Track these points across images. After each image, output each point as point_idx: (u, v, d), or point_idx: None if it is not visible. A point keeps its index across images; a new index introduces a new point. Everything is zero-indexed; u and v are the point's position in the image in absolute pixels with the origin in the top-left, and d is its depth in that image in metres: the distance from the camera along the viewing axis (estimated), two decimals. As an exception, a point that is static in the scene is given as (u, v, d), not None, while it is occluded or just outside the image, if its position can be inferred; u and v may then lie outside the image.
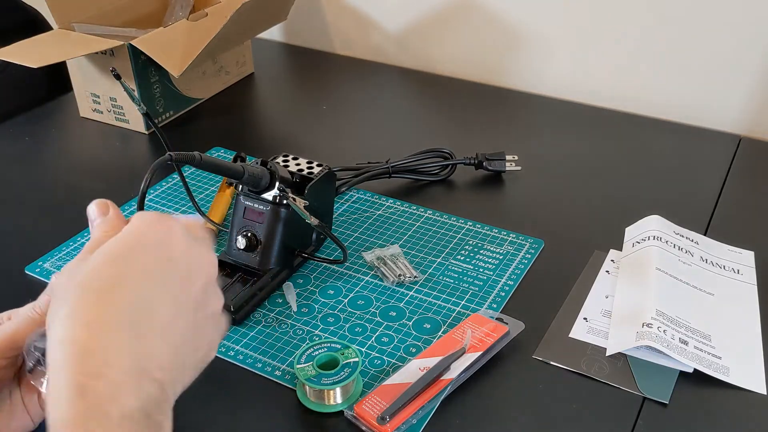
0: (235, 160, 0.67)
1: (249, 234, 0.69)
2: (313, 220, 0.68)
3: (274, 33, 1.31)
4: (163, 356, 0.39)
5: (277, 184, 0.68)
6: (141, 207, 0.55)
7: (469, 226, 0.80)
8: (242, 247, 0.69)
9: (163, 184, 0.88)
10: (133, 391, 0.37)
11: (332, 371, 0.58)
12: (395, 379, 0.59)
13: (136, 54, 0.94)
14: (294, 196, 0.67)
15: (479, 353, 0.61)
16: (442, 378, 0.59)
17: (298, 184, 0.71)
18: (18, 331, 0.47)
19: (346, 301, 0.70)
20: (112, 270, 0.40)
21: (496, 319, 0.65)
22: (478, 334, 0.63)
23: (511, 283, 0.71)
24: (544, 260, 0.75)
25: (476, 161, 0.89)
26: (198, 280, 0.43)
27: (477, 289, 0.71)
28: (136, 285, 0.40)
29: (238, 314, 0.66)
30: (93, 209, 0.47)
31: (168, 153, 0.57)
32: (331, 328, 0.67)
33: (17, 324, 0.48)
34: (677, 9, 0.98)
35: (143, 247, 0.42)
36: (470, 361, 0.60)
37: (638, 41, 1.03)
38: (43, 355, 0.46)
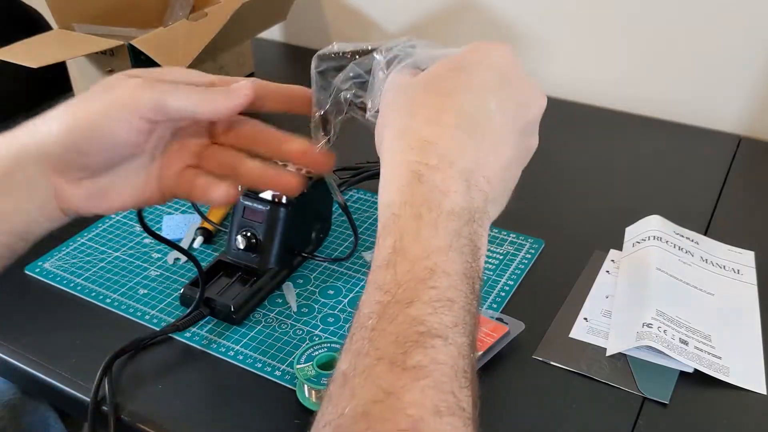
0: (235, 160, 0.67)
1: (249, 234, 0.69)
2: (340, 198, 0.67)
3: (274, 33, 1.31)
4: (491, 169, 0.39)
5: None
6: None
7: (469, 226, 0.80)
8: (242, 247, 0.69)
9: (163, 184, 0.88)
10: (463, 191, 0.37)
11: (332, 371, 0.58)
12: (395, 379, 0.59)
13: (136, 54, 0.94)
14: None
15: (479, 353, 0.61)
16: (442, 378, 0.59)
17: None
18: (165, 98, 0.45)
19: (346, 301, 0.70)
20: (456, 77, 0.40)
21: (496, 319, 0.65)
22: (478, 334, 0.63)
23: (511, 283, 0.71)
24: (544, 260, 0.75)
25: (476, 161, 0.88)
26: (530, 111, 0.43)
27: (477, 289, 0.71)
28: (478, 96, 0.40)
29: (238, 314, 0.66)
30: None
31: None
32: (331, 328, 0.67)
33: (165, 92, 0.45)
34: (677, 9, 0.98)
35: (487, 65, 0.41)
36: (470, 361, 0.60)
37: (638, 41, 1.02)
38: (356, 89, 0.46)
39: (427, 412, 0.32)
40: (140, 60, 0.95)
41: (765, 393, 0.60)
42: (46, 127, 0.46)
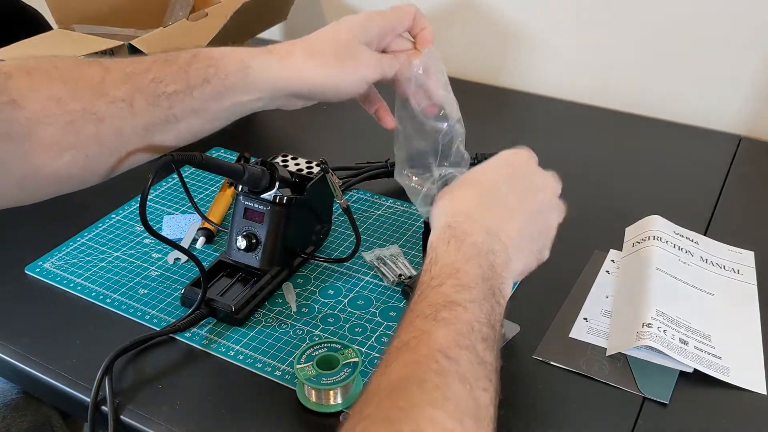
0: (238, 160, 0.67)
1: (249, 234, 0.69)
2: (343, 202, 0.68)
3: (274, 33, 1.31)
4: (508, 229, 0.55)
5: (277, 180, 0.68)
6: (143, 207, 0.56)
7: (469, 226, 0.80)
8: (242, 248, 0.69)
9: (163, 184, 0.88)
10: (483, 235, 0.53)
11: (332, 371, 0.58)
12: (395, 379, 0.59)
13: (136, 54, 0.94)
14: (332, 172, 0.67)
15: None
16: (442, 378, 0.59)
17: (297, 184, 0.71)
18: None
19: (346, 301, 0.70)
20: (478, 173, 0.59)
21: (496, 319, 0.65)
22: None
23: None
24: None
25: (476, 161, 0.88)
26: (539, 193, 0.58)
27: (477, 289, 0.70)
28: (492, 183, 0.58)
29: (239, 315, 0.66)
30: None
31: (169, 153, 0.57)
32: (331, 328, 0.67)
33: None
34: (677, 9, 0.98)
35: (500, 162, 0.60)
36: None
37: (638, 41, 1.03)
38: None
39: (451, 344, 0.45)
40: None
41: (765, 393, 0.60)
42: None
